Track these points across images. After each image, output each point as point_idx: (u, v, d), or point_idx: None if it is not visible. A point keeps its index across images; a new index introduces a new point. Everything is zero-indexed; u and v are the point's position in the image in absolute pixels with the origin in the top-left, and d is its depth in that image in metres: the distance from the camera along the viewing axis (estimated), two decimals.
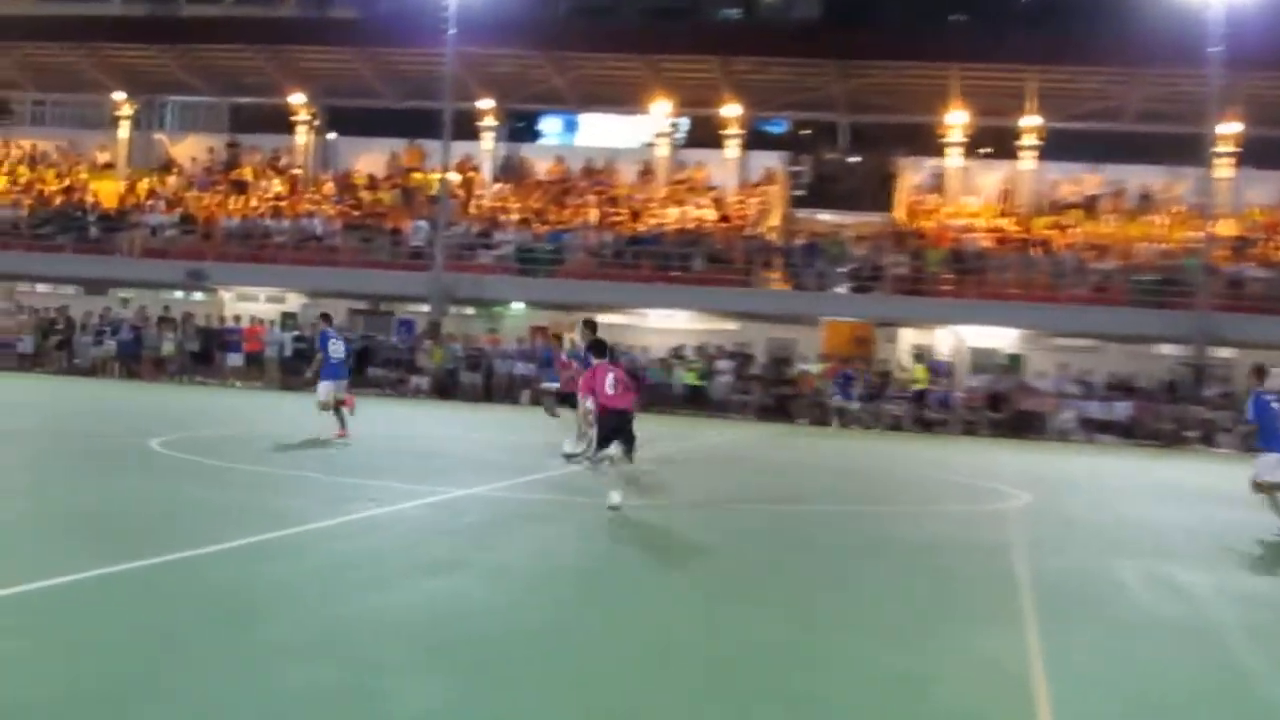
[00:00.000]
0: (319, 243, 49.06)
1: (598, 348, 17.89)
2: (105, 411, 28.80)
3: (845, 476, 24.02)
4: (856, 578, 13.14)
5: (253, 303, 49.08)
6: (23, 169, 56.34)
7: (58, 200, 53.12)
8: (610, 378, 16.85)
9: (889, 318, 45.54)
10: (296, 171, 54.31)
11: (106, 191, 53.78)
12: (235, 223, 50.11)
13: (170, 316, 46.45)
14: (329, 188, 53.13)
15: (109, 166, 56.17)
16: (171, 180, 54.51)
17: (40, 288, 50.98)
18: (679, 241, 46.70)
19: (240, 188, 53.96)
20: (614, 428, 16.72)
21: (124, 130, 55.86)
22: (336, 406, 24.78)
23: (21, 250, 50.59)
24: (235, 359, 44.53)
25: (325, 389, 24.83)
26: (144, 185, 54.23)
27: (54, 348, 46.13)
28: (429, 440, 26.07)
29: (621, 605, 11.26)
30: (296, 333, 44.33)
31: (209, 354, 45.02)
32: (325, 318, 26.85)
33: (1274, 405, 17.81)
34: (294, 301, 49.08)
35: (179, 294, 49.55)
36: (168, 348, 45.01)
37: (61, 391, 34.58)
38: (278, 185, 53.59)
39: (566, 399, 23.38)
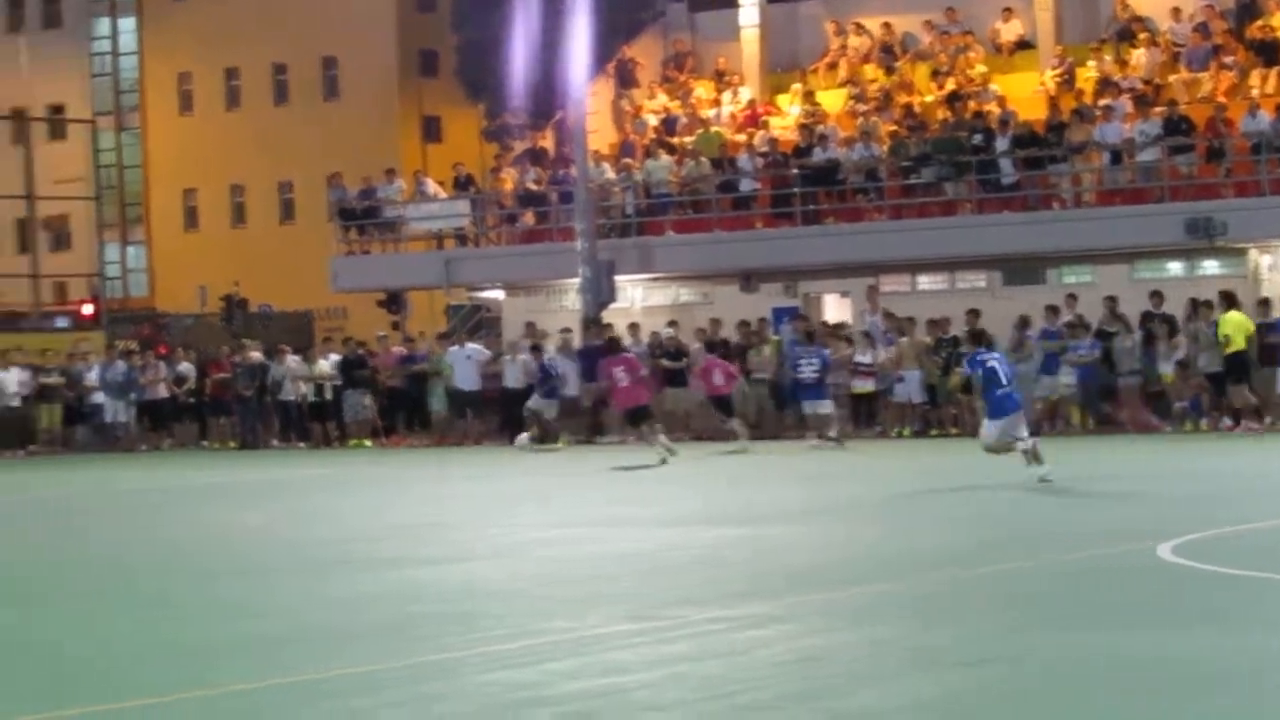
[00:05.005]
0: None
1: None
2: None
3: None
4: None
5: None
6: (872, 70, 41.96)
7: (938, 119, 39.14)
8: None
9: None
10: None
11: (1024, 93, 39.31)
12: (1263, 122, 34.81)
13: (1162, 313, 33.15)
14: None
15: (1024, 46, 41.01)
16: (1138, 55, 38.56)
17: (924, 279, 38.06)
18: None
19: (1269, 53, 37.13)
20: None
21: None
22: None
23: (882, 216, 37.71)
24: None
25: None
26: (1086, 72, 38.99)
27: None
28: None
29: None
30: None
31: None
32: None
33: None
34: None
35: (1173, 266, 35.88)
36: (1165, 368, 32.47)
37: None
38: None
39: None
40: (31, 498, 28.14)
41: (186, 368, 39.98)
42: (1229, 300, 31.52)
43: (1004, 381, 21.27)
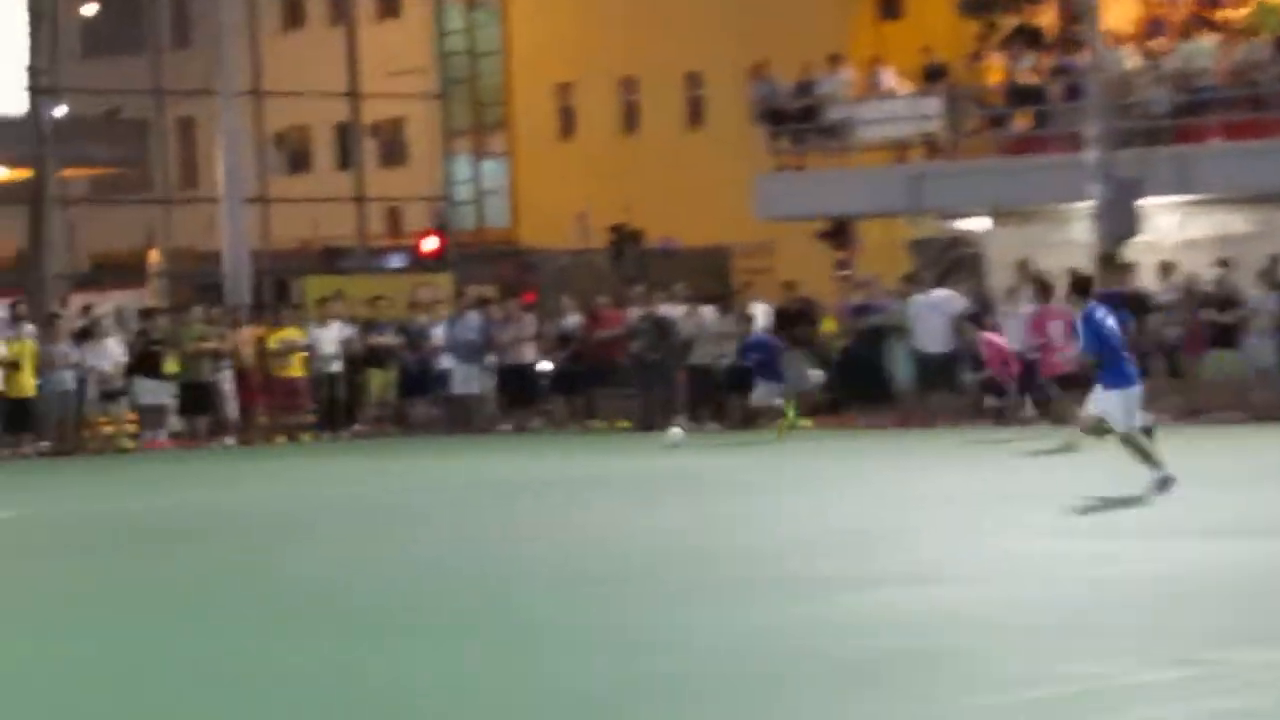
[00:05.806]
0: None
1: None
2: None
3: None
4: None
5: None
6: None
7: None
8: None
9: None
10: None
11: None
12: None
13: None
14: None
15: None
16: None
17: None
18: None
19: None
20: None
21: None
22: None
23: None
24: None
25: None
26: None
27: None
28: None
29: None
30: None
31: None
32: None
33: None
34: None
35: None
36: None
37: None
38: None
39: None
40: (370, 491, 29.15)
41: (574, 321, 40.27)
42: None
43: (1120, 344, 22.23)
